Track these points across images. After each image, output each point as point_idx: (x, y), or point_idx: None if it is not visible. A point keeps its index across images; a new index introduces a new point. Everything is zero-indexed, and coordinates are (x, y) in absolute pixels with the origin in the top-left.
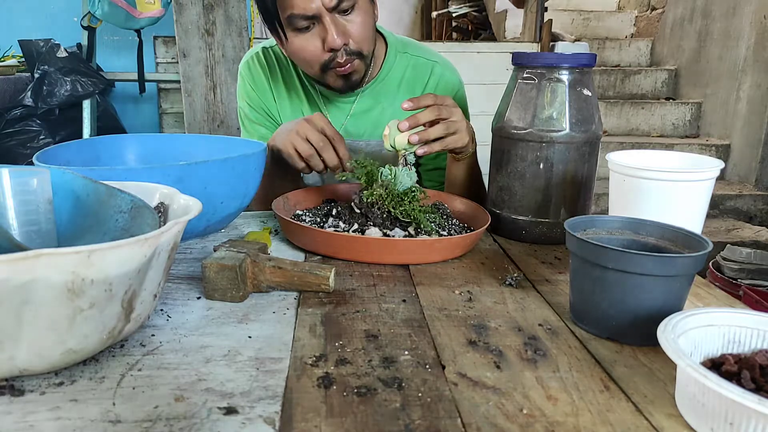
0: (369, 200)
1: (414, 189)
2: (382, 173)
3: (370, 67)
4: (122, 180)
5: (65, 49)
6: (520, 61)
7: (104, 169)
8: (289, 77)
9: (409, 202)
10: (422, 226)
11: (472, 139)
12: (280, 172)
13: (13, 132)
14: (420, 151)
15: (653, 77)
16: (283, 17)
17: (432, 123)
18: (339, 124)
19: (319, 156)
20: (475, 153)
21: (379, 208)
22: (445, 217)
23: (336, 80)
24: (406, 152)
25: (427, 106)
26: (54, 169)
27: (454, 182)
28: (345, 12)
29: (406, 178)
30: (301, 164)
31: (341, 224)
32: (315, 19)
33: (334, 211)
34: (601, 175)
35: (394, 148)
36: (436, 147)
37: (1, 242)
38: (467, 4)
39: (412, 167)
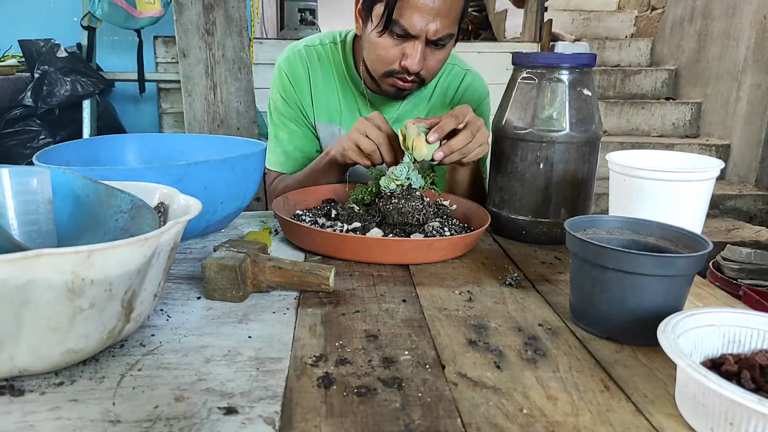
0: (384, 193)
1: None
2: (393, 172)
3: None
4: (122, 180)
5: (65, 49)
6: (520, 61)
7: (104, 169)
8: (329, 77)
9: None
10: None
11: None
12: (328, 177)
13: (13, 132)
14: (437, 156)
15: (653, 77)
16: (391, 14)
17: (452, 131)
18: None
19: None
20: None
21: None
22: (445, 217)
23: (389, 88)
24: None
25: (456, 123)
26: (54, 169)
27: (456, 187)
28: (437, 46)
29: (418, 179)
30: (364, 161)
31: (341, 224)
32: (411, 37)
33: (333, 212)
34: (601, 175)
35: (411, 154)
36: (456, 157)
37: (1, 242)
38: None
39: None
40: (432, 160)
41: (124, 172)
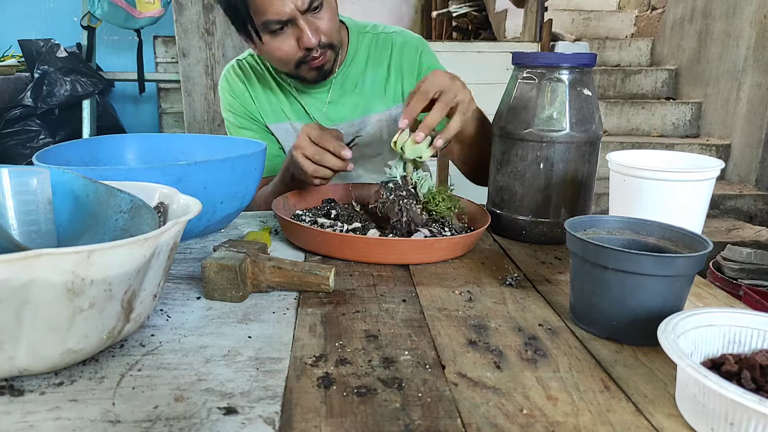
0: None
1: (438, 191)
2: (386, 170)
3: (338, 54)
4: (122, 180)
5: (65, 49)
6: (520, 61)
7: (104, 169)
8: (265, 81)
9: (439, 201)
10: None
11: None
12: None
13: (12, 132)
14: (439, 143)
15: (653, 77)
16: (257, 22)
17: (428, 106)
18: (320, 113)
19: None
20: (478, 109)
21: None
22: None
23: (309, 72)
24: (420, 160)
25: (431, 102)
26: (54, 169)
27: (463, 141)
28: (315, 10)
29: (427, 182)
30: (316, 181)
31: (341, 224)
32: (288, 21)
33: (333, 212)
34: (602, 175)
35: (406, 157)
36: (452, 132)
37: (1, 242)
38: (467, 4)
39: (427, 170)
40: (435, 156)
41: (124, 172)
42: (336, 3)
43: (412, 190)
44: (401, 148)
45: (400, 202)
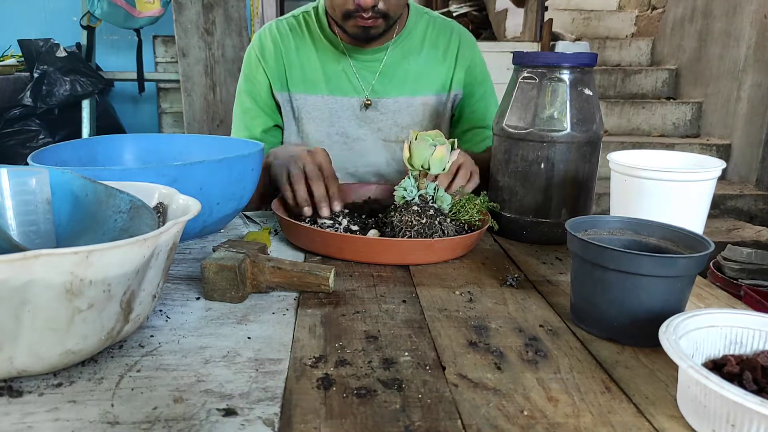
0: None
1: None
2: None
3: (393, 28)
4: (117, 180)
5: (64, 49)
6: (520, 61)
7: (99, 170)
8: (305, 47)
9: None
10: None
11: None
12: (269, 188)
13: (12, 132)
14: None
15: (654, 77)
16: None
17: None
18: (369, 84)
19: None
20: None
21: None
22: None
23: (354, 29)
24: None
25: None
26: (53, 169)
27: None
28: None
29: (442, 194)
30: (287, 192)
31: (341, 224)
32: None
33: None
34: (602, 175)
35: (432, 172)
36: (467, 190)
37: (0, 243)
38: (467, 4)
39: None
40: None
41: (119, 172)
42: None
43: (435, 205)
44: (422, 165)
45: (436, 221)
